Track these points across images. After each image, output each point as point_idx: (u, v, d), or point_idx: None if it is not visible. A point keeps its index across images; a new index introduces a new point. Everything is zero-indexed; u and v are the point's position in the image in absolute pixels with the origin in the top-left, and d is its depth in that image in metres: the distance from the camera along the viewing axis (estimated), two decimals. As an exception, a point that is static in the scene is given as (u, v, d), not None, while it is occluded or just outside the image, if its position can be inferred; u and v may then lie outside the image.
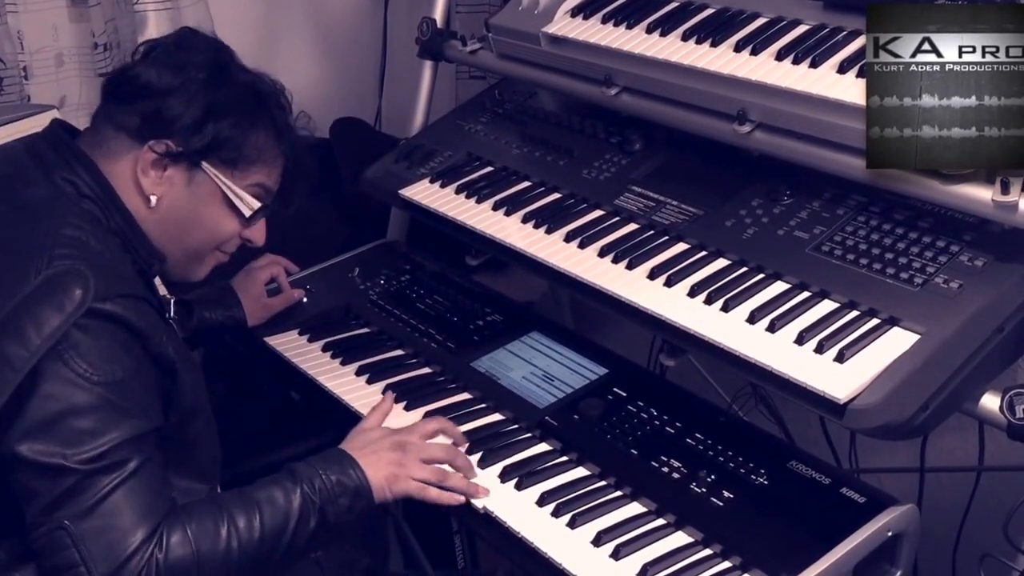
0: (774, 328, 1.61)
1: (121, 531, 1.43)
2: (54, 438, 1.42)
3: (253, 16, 3.14)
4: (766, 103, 1.75)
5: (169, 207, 1.65)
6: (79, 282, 1.45)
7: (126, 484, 1.44)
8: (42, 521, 1.43)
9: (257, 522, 1.53)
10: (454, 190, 2.17)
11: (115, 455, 1.44)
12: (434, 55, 2.46)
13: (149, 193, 1.63)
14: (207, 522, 1.51)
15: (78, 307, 1.44)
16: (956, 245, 1.62)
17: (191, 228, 1.68)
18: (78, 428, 1.43)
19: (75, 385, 1.43)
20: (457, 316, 2.17)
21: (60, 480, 1.42)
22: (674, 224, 1.88)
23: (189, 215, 1.67)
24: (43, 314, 1.43)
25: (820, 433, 2.29)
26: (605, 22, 2.03)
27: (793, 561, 1.50)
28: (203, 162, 1.64)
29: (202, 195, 1.66)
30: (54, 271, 1.46)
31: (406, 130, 2.53)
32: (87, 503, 1.42)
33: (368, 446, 1.69)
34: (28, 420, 1.42)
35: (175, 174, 1.64)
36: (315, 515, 1.57)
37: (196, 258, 1.73)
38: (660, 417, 1.81)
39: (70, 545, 1.42)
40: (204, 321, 2.11)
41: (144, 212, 1.63)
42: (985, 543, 1.73)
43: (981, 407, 1.53)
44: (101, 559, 1.42)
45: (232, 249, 1.78)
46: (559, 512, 1.66)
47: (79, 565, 1.42)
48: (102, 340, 1.46)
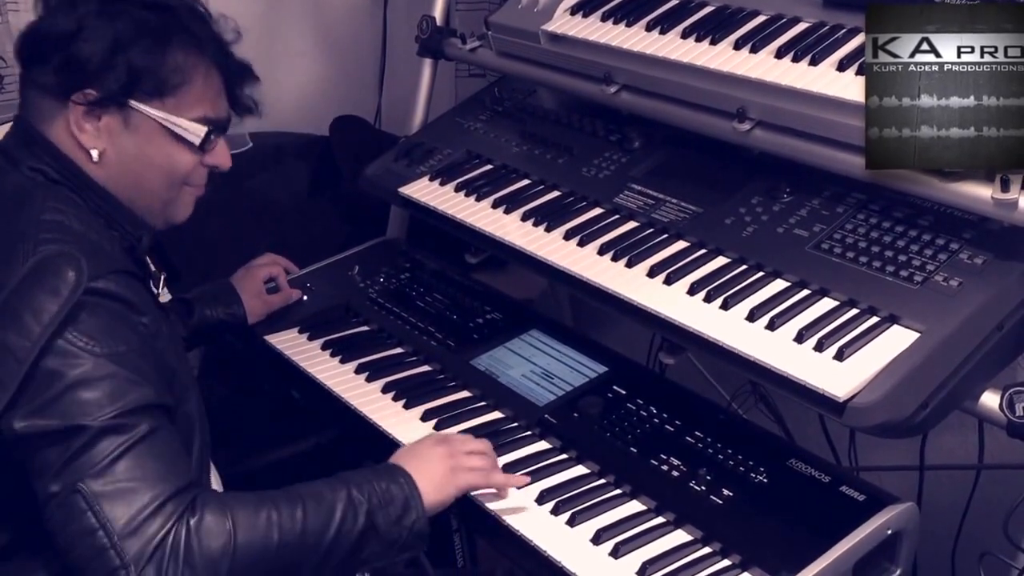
0: (774, 326, 1.61)
1: (139, 492, 1.37)
2: (61, 411, 1.39)
3: (253, 14, 3.13)
4: (766, 101, 1.75)
5: (117, 157, 1.58)
6: (71, 264, 1.43)
7: (139, 446, 1.39)
8: (55, 491, 1.38)
9: (300, 512, 1.47)
10: (453, 188, 2.17)
11: (126, 419, 1.39)
12: (434, 53, 2.46)
13: (90, 148, 1.56)
14: (248, 504, 1.45)
15: (73, 290, 1.41)
16: (956, 243, 1.62)
17: (146, 173, 1.61)
18: (85, 399, 1.39)
19: (79, 358, 1.40)
20: (457, 314, 2.16)
21: (72, 440, 1.37)
22: (674, 222, 1.88)
23: (139, 160, 1.59)
24: (38, 301, 1.41)
25: (820, 431, 2.29)
26: (605, 20, 2.03)
27: (792, 559, 1.50)
28: (130, 101, 1.56)
29: (144, 136, 1.58)
30: (42, 256, 1.44)
31: (406, 128, 2.53)
32: (100, 464, 1.37)
33: (413, 452, 1.65)
34: (34, 399, 1.39)
35: (109, 121, 1.56)
36: (363, 518, 1.50)
37: (167, 201, 1.66)
38: (659, 415, 1.81)
39: (86, 509, 1.36)
40: (204, 318, 2.11)
41: (93, 169, 1.57)
42: (985, 541, 1.73)
43: (981, 405, 1.53)
44: (118, 519, 1.36)
45: (202, 180, 1.69)
46: (558, 510, 1.66)
47: (97, 529, 1.36)
48: (101, 316, 1.44)
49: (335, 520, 1.49)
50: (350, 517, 1.50)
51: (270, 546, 1.44)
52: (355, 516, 1.51)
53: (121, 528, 1.36)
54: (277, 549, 1.44)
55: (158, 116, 1.58)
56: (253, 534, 1.43)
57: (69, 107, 1.55)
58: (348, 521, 1.50)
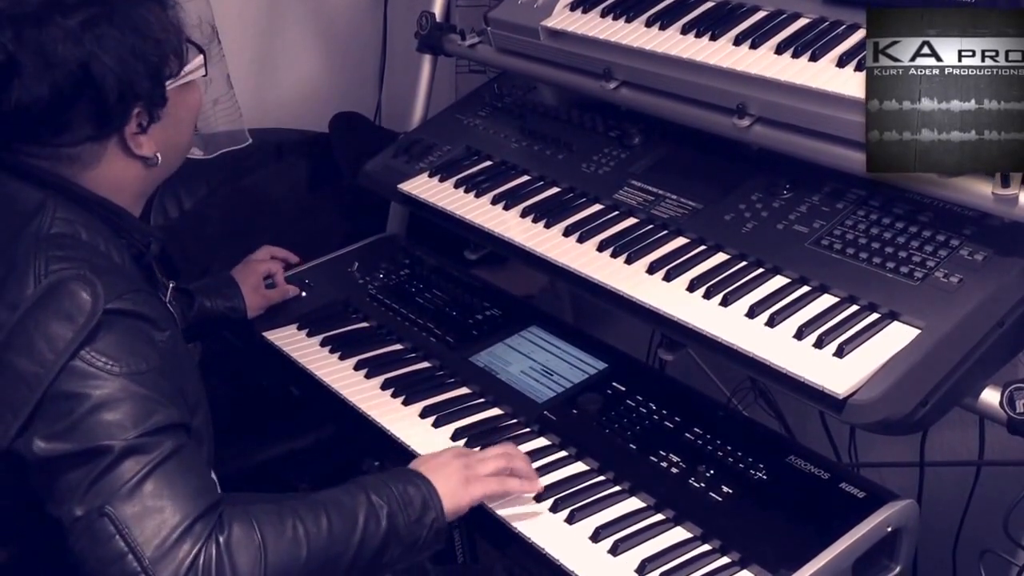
0: (773, 323, 1.61)
1: (167, 513, 1.34)
2: (85, 434, 1.35)
3: (254, 10, 3.13)
4: (766, 97, 1.75)
5: (167, 144, 1.58)
6: (86, 288, 1.39)
7: (164, 467, 1.36)
8: (80, 515, 1.34)
9: (324, 521, 1.44)
10: (453, 184, 2.17)
11: (150, 439, 1.36)
12: (433, 49, 2.46)
13: (151, 154, 1.56)
14: (271, 516, 1.42)
15: (90, 316, 1.38)
16: (956, 239, 1.61)
17: (184, 134, 1.65)
18: (108, 421, 1.35)
19: (98, 379, 1.37)
20: (456, 310, 2.16)
21: (96, 462, 1.34)
22: (673, 218, 1.88)
23: (179, 130, 1.62)
24: (52, 327, 1.37)
25: (820, 427, 2.29)
26: (604, 16, 2.02)
27: (792, 556, 1.49)
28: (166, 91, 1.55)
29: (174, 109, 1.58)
30: (56, 278, 1.40)
31: (405, 124, 2.53)
32: (126, 486, 1.33)
33: (432, 460, 1.63)
34: (55, 422, 1.35)
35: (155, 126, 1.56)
36: (385, 520, 1.49)
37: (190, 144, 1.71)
38: (659, 412, 1.81)
39: (114, 533, 1.32)
40: (204, 310, 2.10)
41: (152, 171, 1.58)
42: (985, 538, 1.72)
43: (981, 402, 1.53)
44: (148, 543, 1.32)
45: None
46: (557, 507, 1.65)
47: (127, 554, 1.32)
48: (120, 334, 1.40)
49: (359, 526, 1.47)
50: (372, 522, 1.49)
51: (299, 557, 1.42)
52: (377, 521, 1.49)
53: (152, 552, 1.33)
54: (306, 560, 1.42)
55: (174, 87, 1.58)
56: (281, 547, 1.40)
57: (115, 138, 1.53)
58: (371, 526, 1.48)
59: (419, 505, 1.53)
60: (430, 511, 1.54)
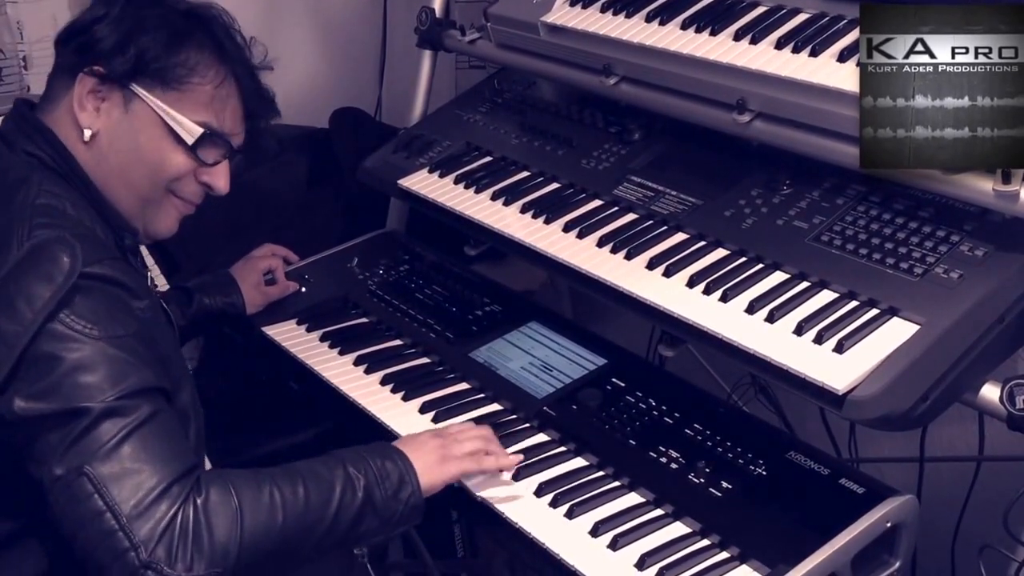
0: (773, 318, 1.61)
1: (145, 474, 1.37)
2: (61, 395, 1.38)
3: (254, 6, 3.13)
4: (765, 92, 1.75)
5: (109, 141, 1.58)
6: (65, 249, 1.42)
7: (142, 429, 1.39)
8: (59, 474, 1.37)
9: (301, 489, 1.47)
10: (453, 180, 2.17)
11: (128, 401, 1.39)
12: (433, 45, 2.46)
13: (84, 127, 1.56)
14: (250, 482, 1.45)
15: (68, 276, 1.41)
16: (956, 235, 1.61)
17: (134, 164, 1.59)
18: (85, 383, 1.39)
19: (76, 342, 1.40)
20: (456, 306, 2.16)
21: (74, 423, 1.37)
22: (673, 214, 1.88)
23: (131, 148, 1.59)
24: (32, 286, 1.40)
25: (820, 423, 2.29)
26: (604, 11, 2.02)
27: (792, 551, 1.49)
28: (132, 83, 1.57)
29: (140, 123, 1.58)
30: (38, 240, 1.43)
31: (405, 120, 2.53)
32: (104, 447, 1.37)
33: (410, 439, 1.67)
34: (34, 382, 1.39)
35: (111, 105, 1.57)
36: (361, 492, 1.51)
37: (148, 201, 1.63)
38: (659, 407, 1.81)
39: (92, 492, 1.36)
40: (203, 307, 2.11)
41: (83, 151, 1.57)
42: (985, 534, 1.73)
43: (981, 398, 1.53)
44: (126, 501, 1.35)
45: (192, 197, 1.67)
46: (557, 502, 1.65)
47: (104, 512, 1.35)
48: (98, 299, 1.43)
49: (335, 496, 1.50)
50: (349, 493, 1.51)
51: (275, 523, 1.44)
52: (354, 492, 1.51)
53: (130, 511, 1.36)
54: (282, 526, 1.45)
55: (156, 105, 1.58)
56: (258, 512, 1.43)
57: (75, 83, 1.57)
58: (347, 497, 1.51)
59: (396, 480, 1.56)
60: (406, 486, 1.56)
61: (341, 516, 1.50)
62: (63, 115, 1.58)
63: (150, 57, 1.57)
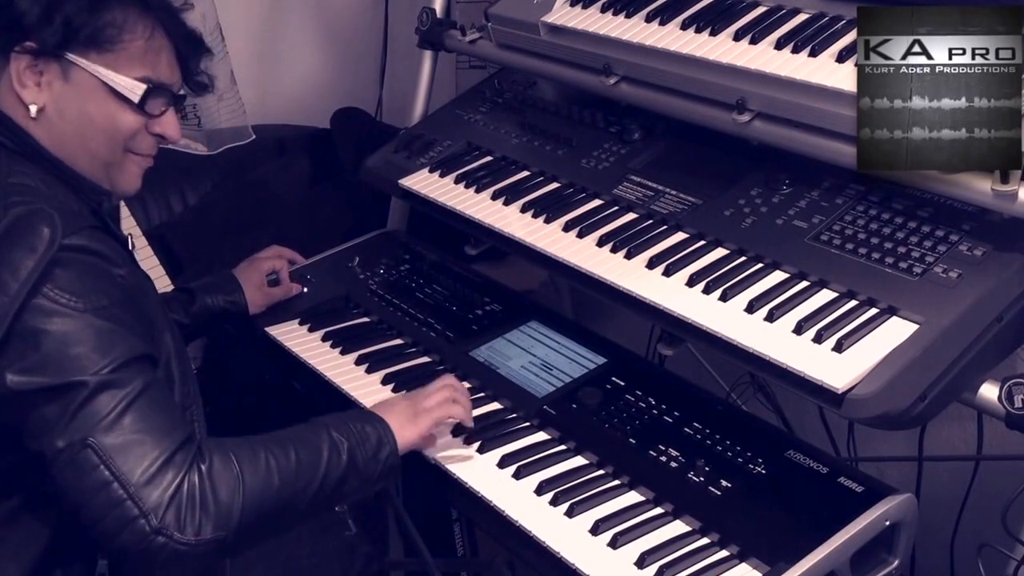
0: (772, 317, 1.61)
1: (149, 444, 1.41)
2: (53, 369, 1.41)
3: (257, 8, 3.14)
4: (765, 92, 1.75)
5: (56, 113, 1.58)
6: (45, 221, 1.44)
7: (140, 400, 1.42)
8: (62, 447, 1.40)
9: (293, 454, 1.53)
10: (453, 180, 2.17)
11: (120, 373, 1.42)
12: (434, 45, 2.46)
13: (29, 103, 1.56)
14: (246, 448, 1.51)
15: (49, 245, 1.43)
16: (955, 234, 1.62)
17: (88, 132, 1.59)
18: (75, 354, 1.41)
19: (62, 316, 1.42)
20: (456, 305, 2.17)
21: (71, 395, 1.40)
22: (673, 213, 1.88)
23: (79, 116, 1.58)
24: (15, 258, 1.42)
25: (818, 422, 2.29)
26: (604, 11, 2.03)
27: (791, 550, 1.50)
28: (68, 54, 1.56)
29: (83, 91, 1.58)
30: (16, 215, 1.45)
31: (406, 120, 2.53)
32: (106, 419, 1.40)
33: (382, 404, 1.75)
34: (22, 359, 1.41)
35: (51, 78, 1.57)
36: (345, 454, 1.58)
37: (110, 164, 1.63)
38: (658, 406, 1.81)
39: (98, 463, 1.39)
40: (206, 307, 2.11)
41: (34, 127, 1.57)
42: (983, 533, 1.73)
43: (980, 397, 1.53)
44: (132, 471, 1.39)
45: (148, 149, 1.67)
46: (557, 501, 1.66)
47: (112, 482, 1.39)
48: (79, 271, 1.45)
49: (323, 460, 1.56)
50: (335, 456, 1.58)
51: (272, 486, 1.50)
52: (339, 455, 1.58)
53: (137, 479, 1.39)
54: (278, 489, 1.50)
55: (94, 70, 1.58)
56: (257, 476, 1.48)
57: (10, 64, 1.56)
58: (333, 460, 1.57)
59: (375, 441, 1.63)
60: (385, 447, 1.64)
61: (329, 477, 1.57)
62: (5, 95, 1.58)
63: (78, 23, 1.56)
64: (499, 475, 1.73)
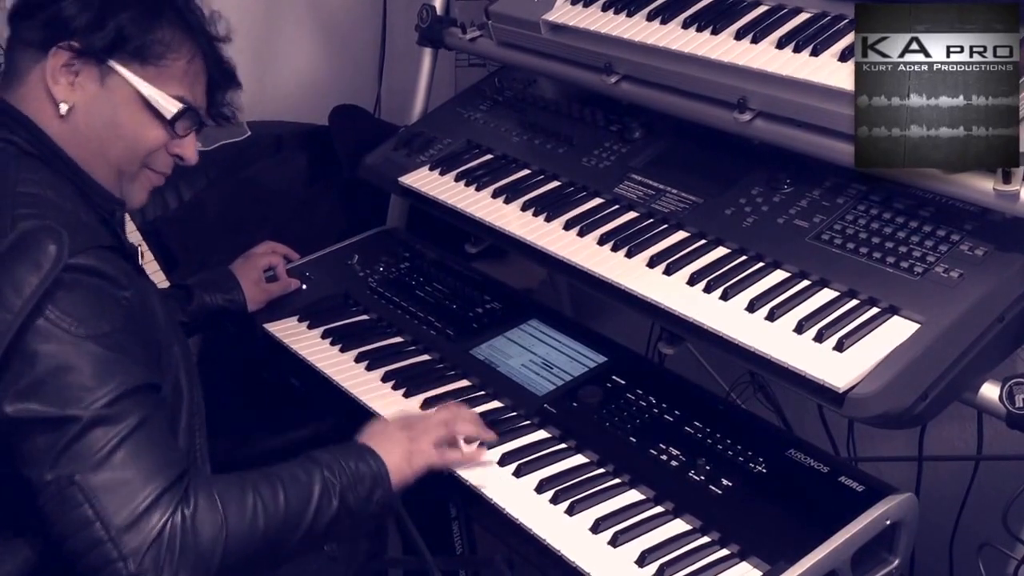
0: (773, 316, 1.61)
1: (136, 484, 1.38)
2: (49, 397, 1.38)
3: (253, 2, 3.13)
4: (766, 91, 1.75)
5: (85, 115, 1.57)
6: (52, 238, 1.42)
7: (133, 437, 1.39)
8: (49, 480, 1.38)
9: (282, 496, 1.49)
10: (453, 177, 2.17)
11: (116, 407, 1.40)
12: (434, 42, 2.46)
13: (60, 101, 1.56)
14: (233, 489, 1.47)
15: (55, 264, 1.40)
16: (956, 234, 1.62)
17: (111, 139, 1.59)
18: (73, 384, 1.38)
19: (62, 342, 1.39)
20: (456, 304, 2.17)
21: (64, 430, 1.37)
22: (674, 212, 1.88)
23: (107, 122, 1.59)
24: (19, 274, 1.40)
25: (818, 421, 2.29)
26: (605, 10, 2.02)
27: (791, 549, 1.50)
28: (110, 60, 1.56)
29: (117, 99, 1.58)
30: (23, 230, 1.42)
31: (406, 117, 2.53)
32: (95, 456, 1.37)
33: (379, 434, 1.68)
34: (19, 382, 1.39)
35: (85, 79, 1.57)
36: (336, 497, 1.54)
37: (123, 175, 1.63)
38: (659, 405, 1.81)
39: (83, 502, 1.37)
40: (204, 305, 2.11)
41: (58, 126, 1.56)
42: (983, 532, 1.73)
43: (980, 396, 1.53)
44: (117, 513, 1.37)
45: (164, 168, 1.68)
46: (558, 499, 1.66)
47: (94, 521, 1.36)
48: (83, 294, 1.43)
49: (313, 503, 1.52)
50: (326, 499, 1.54)
51: (256, 532, 1.46)
52: (330, 497, 1.54)
53: (120, 522, 1.37)
54: (263, 534, 1.47)
55: (134, 81, 1.58)
56: (242, 522, 1.45)
57: (48, 58, 1.55)
58: (324, 502, 1.53)
59: (369, 483, 1.59)
60: (378, 488, 1.60)
61: (318, 520, 1.53)
62: (31, 90, 1.57)
63: (129, 34, 1.57)
64: (499, 473, 1.73)
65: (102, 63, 1.57)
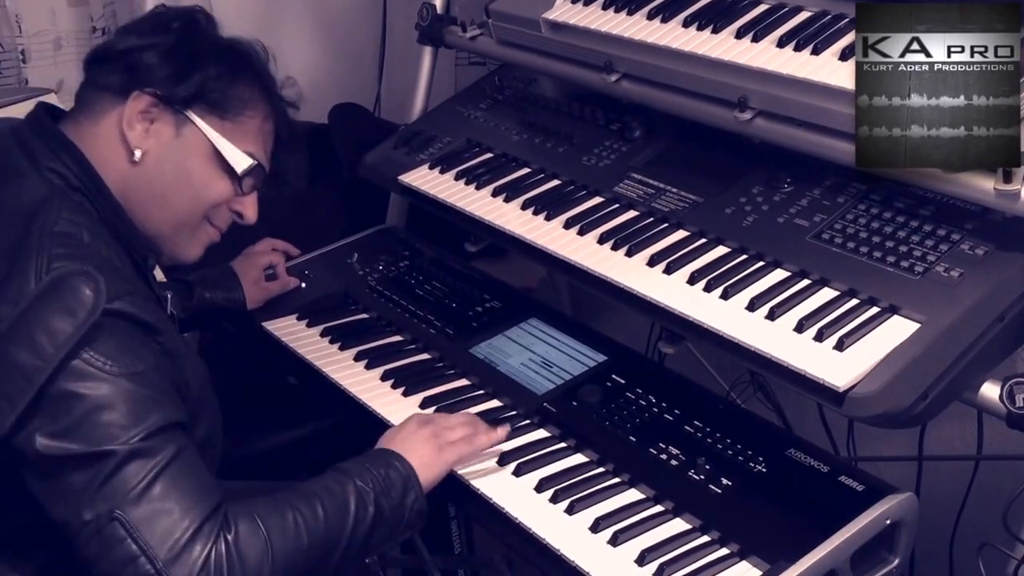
0: (774, 316, 1.61)
1: (176, 515, 1.38)
2: (85, 435, 1.37)
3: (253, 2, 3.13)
4: (767, 90, 1.75)
5: (156, 162, 1.58)
6: (89, 284, 1.40)
7: (169, 470, 1.39)
8: (88, 519, 1.37)
9: (320, 510, 1.50)
10: (453, 176, 2.17)
11: (152, 441, 1.39)
12: (434, 41, 2.46)
13: (134, 147, 1.57)
14: (271, 509, 1.47)
15: (91, 312, 1.39)
16: (957, 234, 1.62)
17: (177, 190, 1.61)
18: (107, 422, 1.38)
19: (97, 380, 1.38)
20: (456, 302, 2.16)
21: (100, 465, 1.36)
22: (674, 211, 1.88)
23: (177, 171, 1.60)
24: (53, 320, 1.38)
25: (818, 421, 2.29)
26: (606, 8, 2.02)
27: (791, 548, 1.50)
28: (189, 110, 1.59)
29: (190, 149, 1.60)
30: (58, 273, 1.40)
31: (405, 116, 2.53)
32: (134, 490, 1.37)
33: (401, 435, 1.68)
34: (55, 420, 1.37)
35: (161, 127, 1.58)
36: (372, 505, 1.54)
37: (184, 227, 1.64)
38: (659, 404, 1.81)
39: (125, 537, 1.36)
40: (204, 301, 2.11)
41: (126, 170, 1.57)
42: (983, 532, 1.73)
43: (981, 396, 1.53)
44: (161, 545, 1.36)
45: (223, 223, 1.70)
46: (557, 498, 1.66)
47: (139, 556, 1.36)
48: (117, 336, 1.42)
49: (351, 513, 1.52)
50: (362, 508, 1.53)
51: (301, 547, 1.47)
52: (366, 506, 1.54)
53: (165, 554, 1.36)
54: (307, 550, 1.47)
55: (210, 133, 1.60)
56: (285, 540, 1.46)
57: (127, 103, 1.56)
58: (361, 511, 1.53)
59: (400, 488, 1.59)
60: (410, 492, 1.59)
61: (357, 530, 1.53)
62: (105, 131, 1.58)
63: (211, 87, 1.60)
64: (499, 472, 1.73)
65: (180, 113, 1.59)
